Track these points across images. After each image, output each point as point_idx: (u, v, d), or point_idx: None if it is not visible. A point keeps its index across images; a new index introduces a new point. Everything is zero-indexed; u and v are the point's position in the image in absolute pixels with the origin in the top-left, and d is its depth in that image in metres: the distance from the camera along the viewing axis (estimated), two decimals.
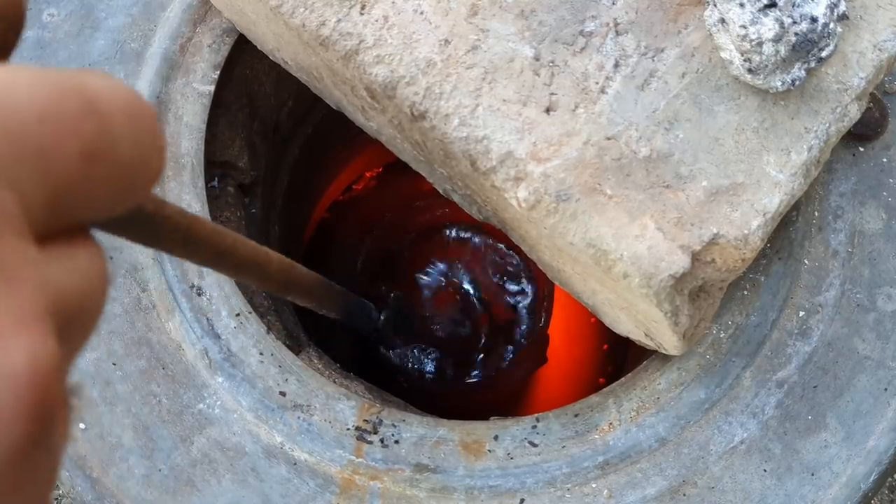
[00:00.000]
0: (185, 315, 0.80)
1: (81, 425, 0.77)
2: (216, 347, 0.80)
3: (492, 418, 0.81)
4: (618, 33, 0.70)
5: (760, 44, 0.65)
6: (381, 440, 0.78)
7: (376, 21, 0.71)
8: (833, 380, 0.79)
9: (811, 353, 0.79)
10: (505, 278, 1.63)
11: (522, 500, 0.75)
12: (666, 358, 0.80)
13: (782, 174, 0.67)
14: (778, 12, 0.65)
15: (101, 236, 0.26)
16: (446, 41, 0.70)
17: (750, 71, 0.67)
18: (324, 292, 0.64)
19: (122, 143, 0.22)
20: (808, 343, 0.80)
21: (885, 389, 0.78)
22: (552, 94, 0.69)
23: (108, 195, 0.22)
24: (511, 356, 1.58)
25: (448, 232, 1.64)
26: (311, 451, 0.77)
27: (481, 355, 1.58)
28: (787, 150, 0.68)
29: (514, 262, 1.63)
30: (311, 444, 0.77)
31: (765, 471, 0.76)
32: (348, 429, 0.78)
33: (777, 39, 0.65)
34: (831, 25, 0.67)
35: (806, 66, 0.68)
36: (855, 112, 0.70)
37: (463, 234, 1.65)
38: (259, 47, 0.89)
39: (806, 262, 0.82)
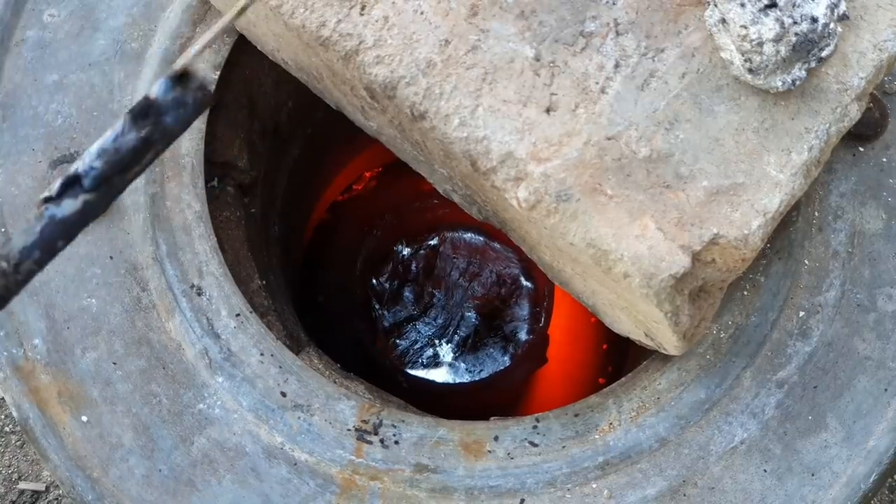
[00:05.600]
0: (185, 315, 0.80)
1: (84, 417, 0.77)
2: (216, 347, 0.80)
3: (492, 418, 0.81)
4: (618, 33, 0.70)
5: (761, 44, 0.65)
6: (382, 440, 0.78)
7: (376, 21, 0.71)
8: (833, 380, 0.79)
9: (811, 354, 0.79)
10: (505, 279, 1.63)
11: (523, 501, 0.75)
12: (666, 358, 0.80)
13: (783, 174, 0.67)
14: (778, 12, 0.65)
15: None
16: (446, 41, 0.70)
17: (750, 71, 0.67)
18: None
19: None
20: (808, 343, 0.80)
21: (886, 390, 0.78)
22: (552, 94, 0.69)
23: None
24: (511, 356, 1.58)
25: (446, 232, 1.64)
26: (311, 452, 0.77)
27: (481, 355, 1.58)
28: (787, 150, 0.68)
29: (514, 262, 1.63)
30: (311, 445, 0.77)
31: (765, 471, 0.76)
32: (348, 429, 0.78)
33: (777, 39, 0.65)
34: (831, 25, 0.67)
35: (806, 66, 0.68)
36: (855, 112, 0.70)
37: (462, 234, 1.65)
38: (259, 48, 0.89)
39: (806, 262, 0.82)
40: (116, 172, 0.39)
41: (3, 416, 1.55)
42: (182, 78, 0.40)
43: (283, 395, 0.79)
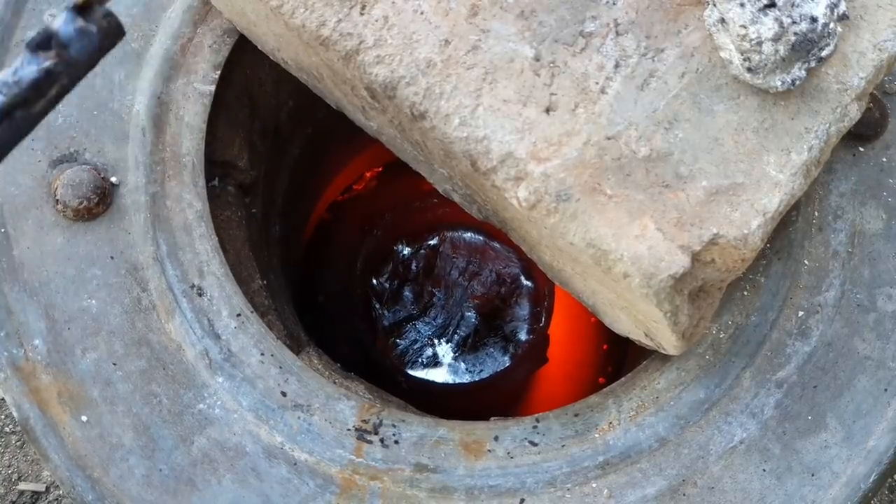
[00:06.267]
0: (185, 315, 0.80)
1: (84, 418, 0.77)
2: (216, 348, 0.80)
3: (492, 418, 0.81)
4: (618, 34, 0.70)
5: (760, 43, 0.65)
6: (382, 440, 0.78)
7: (376, 21, 0.71)
8: (833, 380, 0.79)
9: (811, 354, 0.79)
10: (505, 278, 1.63)
11: (522, 500, 0.75)
12: (665, 358, 0.80)
13: (782, 174, 0.67)
14: (778, 12, 0.65)
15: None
16: (446, 41, 0.70)
17: (750, 70, 0.67)
18: None
19: None
20: (807, 343, 0.80)
21: (886, 390, 0.78)
22: (552, 94, 0.69)
23: None
24: (511, 356, 1.58)
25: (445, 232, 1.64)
26: (311, 451, 0.77)
27: (481, 355, 1.58)
28: (787, 150, 0.68)
29: (514, 261, 1.63)
30: (311, 444, 0.77)
31: (764, 471, 0.76)
32: (348, 429, 0.78)
33: (777, 39, 0.65)
34: (831, 25, 0.67)
35: (806, 65, 0.68)
36: (855, 112, 0.70)
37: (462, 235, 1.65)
38: (259, 47, 0.89)
39: (806, 262, 0.82)
40: (19, 106, 0.38)
41: (3, 417, 1.55)
42: (84, 8, 0.39)
43: (284, 395, 0.79)
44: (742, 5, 0.66)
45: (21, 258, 0.81)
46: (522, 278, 1.62)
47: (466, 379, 1.56)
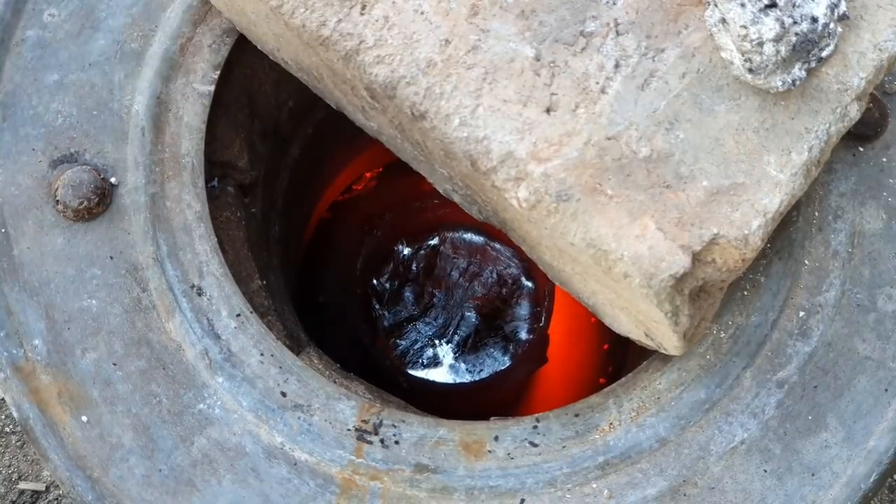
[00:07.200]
0: (185, 315, 0.80)
1: (84, 418, 0.77)
2: (216, 348, 0.80)
3: (492, 418, 0.81)
4: (618, 33, 0.70)
5: (761, 44, 0.65)
6: (382, 440, 0.78)
7: (377, 21, 0.71)
8: (833, 380, 0.79)
9: (811, 354, 0.79)
10: (505, 278, 1.63)
11: (523, 501, 0.75)
12: (666, 358, 0.80)
13: (783, 174, 0.67)
14: (779, 12, 0.65)
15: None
16: (447, 41, 0.70)
17: (750, 71, 0.67)
18: None
19: None
20: (808, 343, 0.80)
21: (886, 390, 0.78)
22: (553, 94, 0.69)
23: None
24: (511, 356, 1.58)
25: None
26: (311, 452, 0.77)
27: (482, 355, 1.58)
28: (787, 150, 0.68)
29: (514, 262, 1.63)
30: (311, 445, 0.77)
31: (765, 471, 0.76)
32: (348, 429, 0.78)
33: (778, 39, 0.65)
34: (832, 25, 0.67)
35: (806, 66, 0.68)
36: (855, 112, 0.70)
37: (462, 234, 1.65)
38: (259, 47, 0.89)
39: (806, 262, 0.82)
40: None
41: (3, 417, 1.55)
42: None
43: (283, 395, 0.79)
44: (743, 5, 0.66)
45: (21, 258, 0.81)
46: (523, 278, 1.62)
47: (466, 379, 1.56)
